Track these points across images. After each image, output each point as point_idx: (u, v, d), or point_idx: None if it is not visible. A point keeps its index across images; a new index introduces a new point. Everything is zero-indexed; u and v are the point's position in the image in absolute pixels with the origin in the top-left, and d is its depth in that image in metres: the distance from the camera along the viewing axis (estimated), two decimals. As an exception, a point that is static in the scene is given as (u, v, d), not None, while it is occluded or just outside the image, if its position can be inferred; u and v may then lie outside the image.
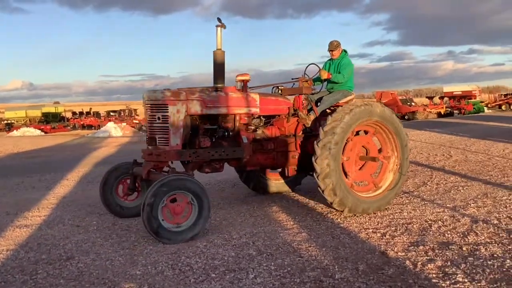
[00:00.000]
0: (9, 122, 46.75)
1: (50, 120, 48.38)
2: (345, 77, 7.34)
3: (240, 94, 6.51)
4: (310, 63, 7.61)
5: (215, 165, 6.43)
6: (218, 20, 6.22)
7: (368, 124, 6.88)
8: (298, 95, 7.06)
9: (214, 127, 6.40)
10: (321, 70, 7.36)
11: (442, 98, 49.92)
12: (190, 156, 6.04)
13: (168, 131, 5.91)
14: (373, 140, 7.12)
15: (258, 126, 6.84)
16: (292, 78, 7.42)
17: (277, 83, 7.56)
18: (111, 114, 42.27)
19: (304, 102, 7.04)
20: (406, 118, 37.48)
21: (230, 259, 4.80)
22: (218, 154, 6.20)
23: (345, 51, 7.65)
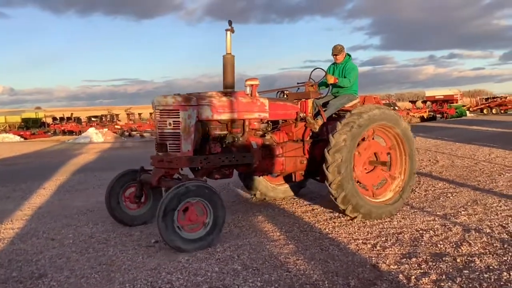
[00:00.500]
0: (-13, 128, 45.74)
1: (30, 126, 47.41)
2: (351, 81, 7.29)
3: (249, 99, 6.40)
4: (316, 67, 7.60)
5: (225, 171, 6.34)
6: (229, 23, 6.10)
7: (387, 134, 7.00)
8: (304, 100, 7.03)
9: (224, 133, 6.26)
10: (327, 75, 7.28)
11: (424, 102, 50.27)
12: (201, 162, 5.93)
13: (179, 137, 5.80)
14: (387, 155, 7.13)
15: (266, 131, 6.80)
16: (297, 83, 7.41)
17: (282, 88, 7.49)
18: (92, 119, 41.60)
19: (310, 107, 7.03)
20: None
21: (213, 275, 4.53)
22: (229, 160, 6.11)
23: (349, 55, 7.57)
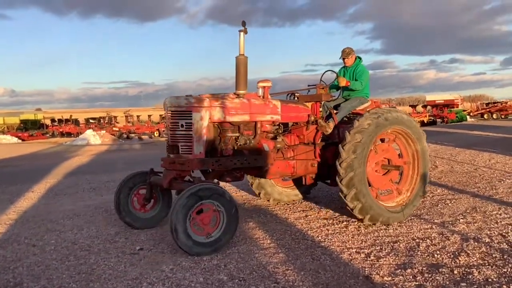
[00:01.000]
0: (-15, 129, 45.52)
1: (29, 127, 47.24)
2: (362, 84, 7.19)
3: (262, 101, 6.31)
4: (327, 70, 7.54)
5: (236, 173, 6.25)
6: (243, 24, 5.93)
7: (407, 148, 6.92)
8: (315, 102, 6.94)
9: (236, 135, 6.15)
10: (339, 77, 7.16)
11: (425, 106, 50.01)
12: (213, 164, 5.85)
13: (191, 139, 5.71)
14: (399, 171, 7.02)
15: (277, 133, 6.71)
16: (308, 85, 7.34)
17: (293, 90, 7.37)
18: (91, 121, 41.38)
19: (321, 110, 6.97)
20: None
21: (197, 286, 4.30)
22: (240, 163, 6.01)
23: (359, 58, 7.44)
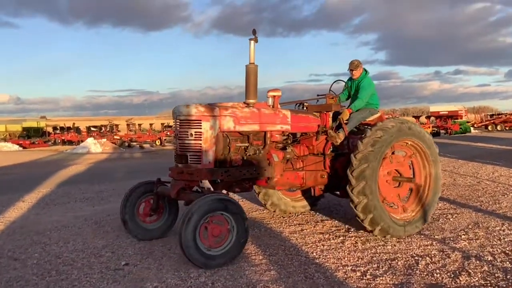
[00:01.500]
0: (-12, 136, 45.42)
1: (32, 135, 47.15)
2: (364, 100, 7.07)
3: (272, 110, 6.22)
4: (336, 80, 7.55)
5: (245, 184, 6.11)
6: (253, 32, 5.83)
7: (421, 169, 6.84)
8: (325, 113, 6.84)
9: (245, 145, 6.04)
10: (343, 111, 6.98)
11: (428, 117, 49.70)
12: (222, 175, 5.71)
13: (201, 149, 5.60)
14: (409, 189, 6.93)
15: (287, 144, 6.63)
16: (317, 95, 7.27)
17: (302, 100, 7.31)
18: (92, 129, 41.19)
19: (330, 120, 6.89)
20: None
21: (181, 306, 4.06)
22: (250, 173, 5.91)
23: (365, 71, 7.31)
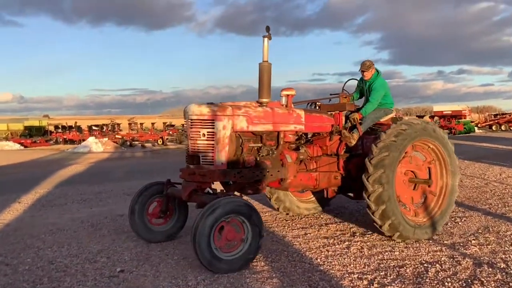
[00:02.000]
0: (-10, 135, 45.26)
1: (34, 133, 46.98)
2: (374, 104, 6.90)
3: (285, 110, 6.05)
4: (350, 78, 7.41)
5: (258, 185, 5.84)
6: (267, 29, 5.63)
7: (436, 170, 6.62)
8: (338, 112, 6.69)
9: (258, 145, 5.86)
10: (354, 114, 6.80)
11: (432, 117, 49.38)
12: (235, 176, 5.54)
13: (213, 149, 5.42)
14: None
15: (300, 144, 6.48)
16: (330, 94, 7.15)
17: (315, 99, 7.16)
18: (94, 128, 40.98)
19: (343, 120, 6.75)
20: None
21: (177, 318, 3.82)
22: (263, 175, 5.73)
23: (377, 72, 7.11)
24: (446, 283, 4.54)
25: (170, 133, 39.41)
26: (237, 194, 5.61)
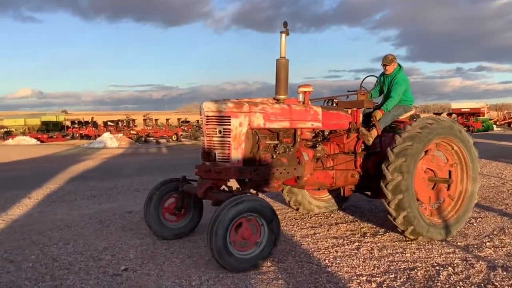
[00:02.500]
0: (8, 130, 45.77)
1: (51, 129, 47.38)
2: (396, 99, 6.76)
3: (303, 107, 5.96)
4: (368, 75, 7.33)
5: (274, 183, 5.72)
6: (284, 25, 5.52)
7: (457, 175, 6.47)
8: (356, 110, 6.57)
9: (275, 142, 5.78)
10: (375, 112, 6.70)
11: (450, 114, 48.63)
12: (251, 174, 5.44)
13: (229, 146, 5.34)
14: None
15: (316, 142, 6.39)
16: (348, 91, 7.05)
17: (332, 96, 7.01)
18: (109, 124, 41.17)
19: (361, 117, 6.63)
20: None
21: (178, 319, 3.72)
22: (279, 172, 5.64)
23: (399, 66, 6.96)
24: (458, 287, 4.37)
25: (185, 129, 39.43)
26: (252, 192, 5.52)
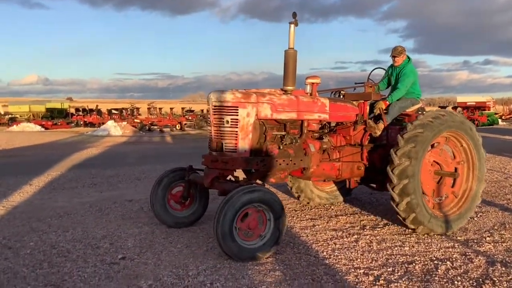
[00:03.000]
0: (13, 116, 45.89)
1: (55, 116, 47.47)
2: (402, 90, 6.75)
3: (310, 98, 5.94)
4: (376, 67, 7.33)
5: (280, 174, 5.75)
6: (293, 15, 5.50)
7: (463, 172, 6.42)
8: (363, 102, 6.54)
9: (282, 133, 5.80)
10: (378, 102, 6.69)
11: (455, 108, 48.36)
12: (258, 164, 5.48)
13: (237, 137, 5.36)
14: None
15: (323, 133, 6.39)
16: (355, 83, 7.03)
17: (339, 88, 7.05)
18: (113, 112, 41.20)
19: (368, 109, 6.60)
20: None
21: (173, 309, 3.72)
22: (286, 163, 5.67)
23: (408, 58, 6.93)
24: (456, 282, 4.35)
25: (189, 118, 39.41)
26: (259, 182, 5.51)
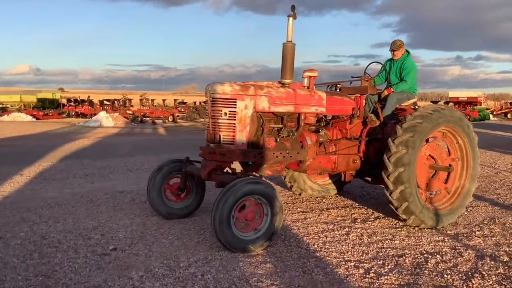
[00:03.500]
0: (3, 106, 45.51)
1: (47, 106, 47.15)
2: (408, 83, 6.90)
3: (307, 91, 6.01)
4: (372, 61, 7.42)
5: (276, 167, 5.82)
6: (292, 8, 5.52)
7: (458, 169, 6.52)
8: (359, 96, 6.62)
9: (279, 126, 5.82)
10: (384, 91, 6.86)
11: (447, 103, 48.62)
12: (255, 156, 5.51)
13: (234, 129, 5.40)
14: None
15: (320, 126, 6.43)
16: (351, 77, 7.11)
17: (335, 81, 7.10)
18: (105, 103, 40.98)
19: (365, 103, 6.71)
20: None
21: (164, 300, 3.72)
22: (282, 156, 5.69)
23: (407, 52, 6.99)
24: (445, 275, 4.39)
25: (181, 110, 39.28)
26: (256, 175, 5.53)
